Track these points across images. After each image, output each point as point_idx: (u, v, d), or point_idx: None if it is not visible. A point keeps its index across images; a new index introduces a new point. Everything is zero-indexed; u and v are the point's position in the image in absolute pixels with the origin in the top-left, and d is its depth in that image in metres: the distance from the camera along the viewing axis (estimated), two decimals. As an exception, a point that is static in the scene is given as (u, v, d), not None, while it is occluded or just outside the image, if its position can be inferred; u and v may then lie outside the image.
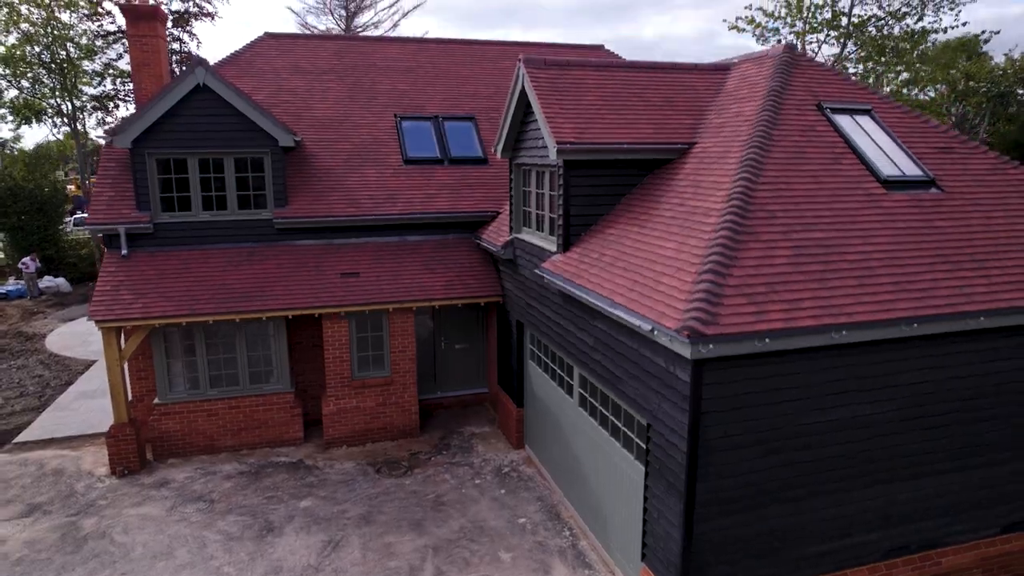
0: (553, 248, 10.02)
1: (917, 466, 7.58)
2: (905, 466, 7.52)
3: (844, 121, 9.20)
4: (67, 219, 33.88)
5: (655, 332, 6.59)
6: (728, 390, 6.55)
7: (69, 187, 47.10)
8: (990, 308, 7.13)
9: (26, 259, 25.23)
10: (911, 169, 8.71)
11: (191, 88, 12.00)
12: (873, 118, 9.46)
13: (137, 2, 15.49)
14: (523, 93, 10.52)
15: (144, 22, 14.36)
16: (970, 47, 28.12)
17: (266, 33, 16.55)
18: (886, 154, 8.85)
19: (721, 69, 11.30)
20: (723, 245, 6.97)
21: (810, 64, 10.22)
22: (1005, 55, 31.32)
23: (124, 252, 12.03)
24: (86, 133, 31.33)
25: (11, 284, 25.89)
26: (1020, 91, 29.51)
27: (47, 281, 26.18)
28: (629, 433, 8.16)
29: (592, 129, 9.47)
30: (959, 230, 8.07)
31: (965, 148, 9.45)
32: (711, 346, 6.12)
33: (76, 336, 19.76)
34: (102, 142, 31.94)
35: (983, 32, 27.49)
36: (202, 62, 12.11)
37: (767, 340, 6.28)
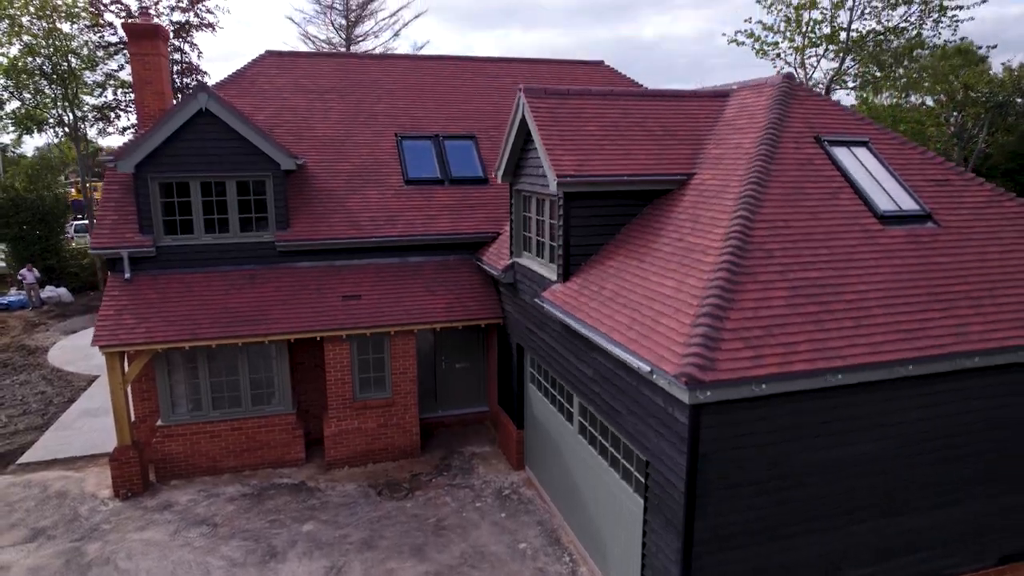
0: (553, 277, 10.11)
1: (910, 501, 7.68)
2: (899, 501, 7.62)
3: (842, 154, 9.29)
4: (70, 223, 33.95)
5: (654, 375, 6.68)
6: (726, 432, 6.64)
7: (70, 190, 47.20)
8: (984, 348, 7.22)
9: (23, 270, 25.32)
10: (908, 203, 8.80)
11: (193, 113, 12.09)
12: (870, 150, 9.55)
13: (139, 20, 15.61)
14: (523, 122, 10.61)
15: (146, 40, 14.46)
16: (969, 56, 28.24)
17: (267, 51, 16.63)
18: (883, 188, 8.94)
19: (720, 95, 11.39)
20: (721, 287, 7.06)
21: (808, 94, 10.30)
22: (1003, 64, 31.43)
23: (127, 276, 12.12)
24: (87, 139, 31.32)
25: (12, 295, 25.99)
26: (1019, 100, 29.62)
27: (48, 291, 26.27)
28: (628, 466, 8.25)
29: (592, 161, 9.55)
30: (954, 266, 8.16)
31: (962, 180, 9.54)
32: (708, 392, 6.22)
33: (78, 350, 19.85)
34: (102, 144, 31.61)
35: (981, 47, 27.67)
36: (204, 87, 12.20)
37: (763, 386, 6.38)
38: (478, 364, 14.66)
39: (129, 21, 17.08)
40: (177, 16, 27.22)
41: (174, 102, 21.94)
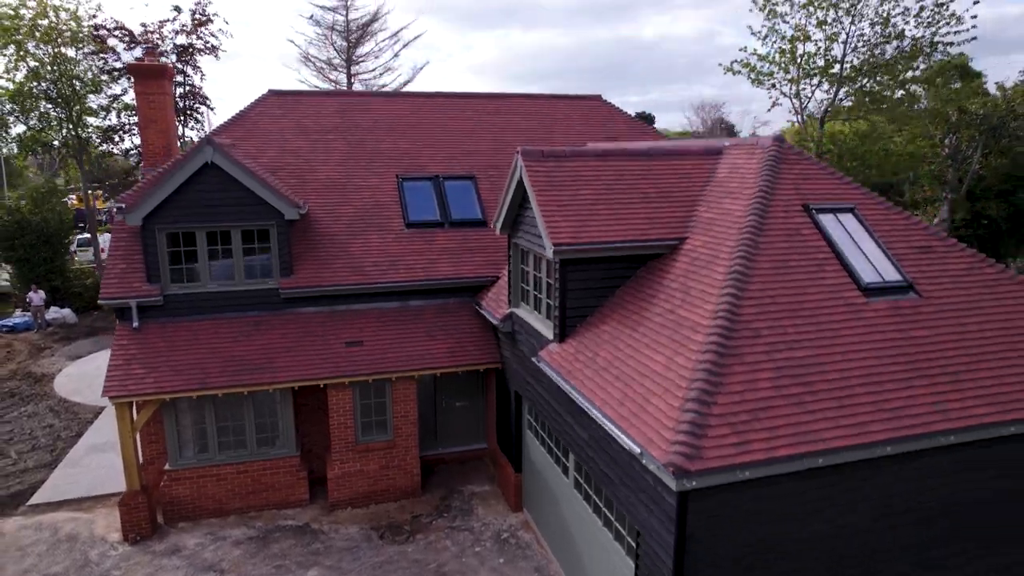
0: (550, 335, 10.44)
1: (893, 567, 8.00)
2: (882, 569, 7.95)
3: (828, 221, 9.62)
4: (74, 235, 34.17)
5: (643, 457, 7.01)
6: (712, 513, 6.98)
7: (71, 199, 47.46)
8: (962, 426, 7.55)
9: (30, 293, 25.65)
10: (891, 274, 9.13)
11: (200, 166, 12.40)
12: (856, 216, 9.87)
13: (144, 59, 15.93)
14: (521, 182, 10.93)
15: (152, 80, 14.92)
16: (966, 86, 28.53)
17: (270, 90, 16.95)
18: (867, 257, 9.27)
19: (713, 152, 11.71)
20: (708, 370, 7.38)
21: (799, 158, 10.63)
22: (997, 84, 31.75)
23: (135, 324, 12.45)
24: (89, 150, 31.48)
25: (18, 316, 26.32)
26: (1013, 123, 29.91)
27: (53, 312, 26.58)
28: (621, 529, 8.58)
29: (588, 227, 9.88)
30: (934, 340, 8.48)
31: (944, 246, 9.87)
32: (694, 481, 6.55)
33: (84, 378, 20.17)
34: (103, 148, 31.43)
35: (978, 68, 28.01)
36: (210, 140, 12.52)
37: (747, 472, 6.71)
38: (477, 403, 14.99)
39: (135, 60, 17.41)
40: (181, 40, 27.56)
41: (176, 124, 22.20)
